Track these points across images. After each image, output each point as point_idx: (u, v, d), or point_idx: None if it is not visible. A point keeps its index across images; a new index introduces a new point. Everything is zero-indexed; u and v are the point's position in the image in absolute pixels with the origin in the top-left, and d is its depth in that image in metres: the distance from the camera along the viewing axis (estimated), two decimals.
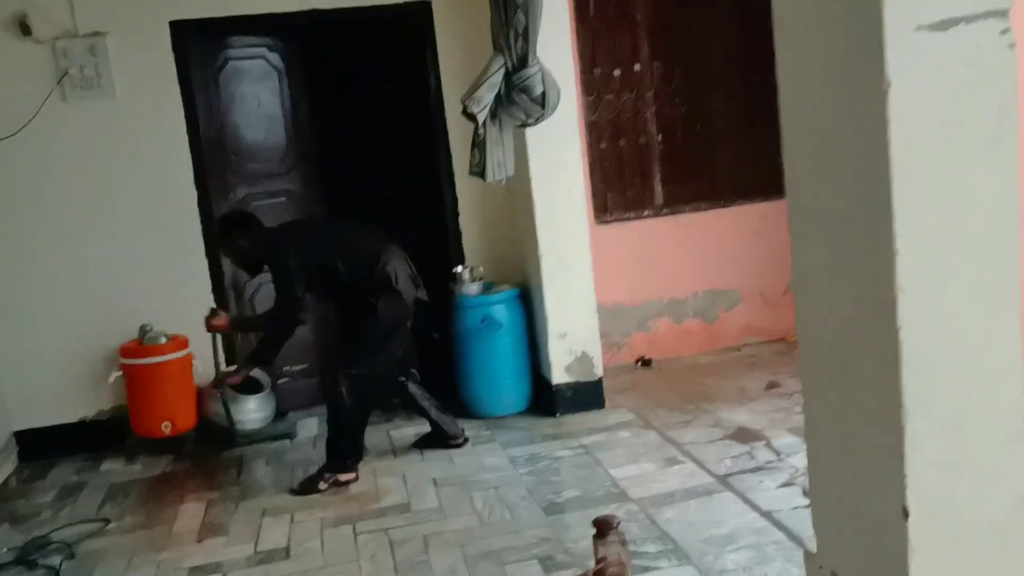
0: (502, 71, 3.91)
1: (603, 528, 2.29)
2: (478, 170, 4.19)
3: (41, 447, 4.76)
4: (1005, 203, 1.71)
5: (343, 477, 4.07)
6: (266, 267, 4.16)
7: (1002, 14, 1.66)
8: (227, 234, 4.14)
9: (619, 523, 2.30)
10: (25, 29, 4.51)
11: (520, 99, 3.94)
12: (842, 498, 1.99)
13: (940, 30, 1.64)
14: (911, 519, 1.74)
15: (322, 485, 4.02)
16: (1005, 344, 1.75)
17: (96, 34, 4.64)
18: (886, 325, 1.71)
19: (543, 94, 3.97)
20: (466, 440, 4.41)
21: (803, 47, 1.90)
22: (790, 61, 1.97)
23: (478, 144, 4.14)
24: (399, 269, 4.08)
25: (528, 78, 3.93)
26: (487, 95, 3.93)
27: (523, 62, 3.91)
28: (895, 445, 1.74)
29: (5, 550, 3.71)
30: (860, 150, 1.74)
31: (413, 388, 4.46)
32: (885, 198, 1.67)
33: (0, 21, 4.54)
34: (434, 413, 4.42)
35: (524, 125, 4.16)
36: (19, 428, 4.67)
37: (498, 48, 3.92)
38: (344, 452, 4.10)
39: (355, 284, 4.04)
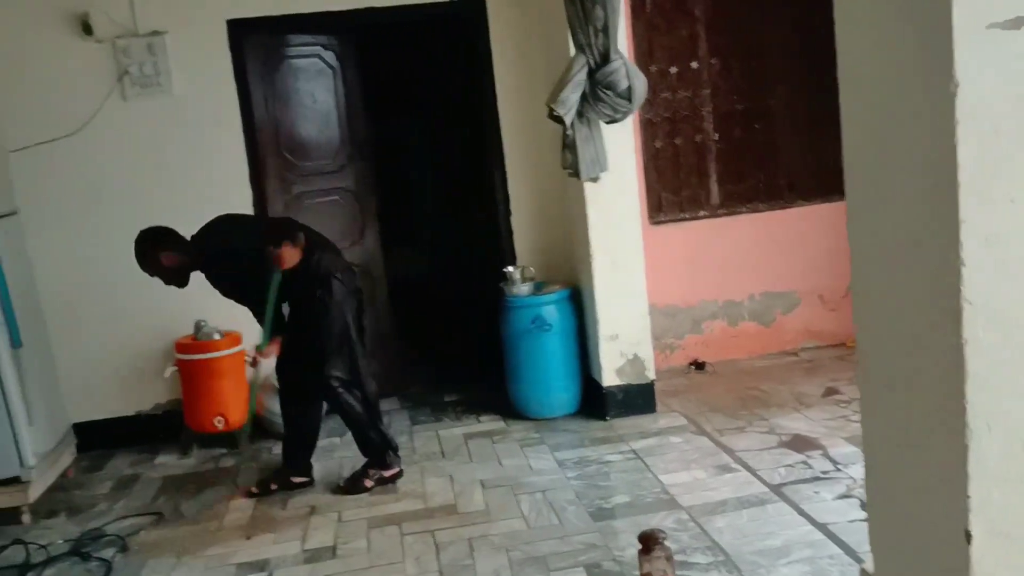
0: (585, 69, 3.85)
1: (648, 543, 2.23)
2: (572, 170, 4.14)
3: (98, 439, 4.86)
4: None
5: (387, 473, 4.07)
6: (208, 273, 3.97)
7: None
8: (155, 249, 3.89)
9: (665, 538, 2.24)
10: (87, 28, 4.59)
11: (606, 95, 3.88)
12: (901, 516, 1.90)
13: (1013, 28, 1.54)
14: (974, 543, 1.65)
15: (368, 483, 4.03)
16: None
17: (155, 33, 4.70)
18: (950, 338, 1.62)
19: (629, 88, 3.90)
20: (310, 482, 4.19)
21: (866, 45, 1.82)
22: (852, 59, 1.88)
23: (569, 145, 4.09)
24: (334, 258, 4.06)
25: (612, 74, 3.86)
26: (572, 95, 3.87)
27: (605, 58, 3.84)
28: (957, 464, 1.65)
29: (61, 541, 3.78)
30: (925, 153, 1.65)
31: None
32: (951, 204, 1.58)
33: (63, 21, 4.63)
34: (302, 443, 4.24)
35: (613, 121, 4.09)
36: (78, 420, 4.76)
37: (578, 46, 3.86)
38: (376, 447, 4.10)
39: (296, 278, 3.92)
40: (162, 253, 3.85)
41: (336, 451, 4.63)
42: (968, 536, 1.66)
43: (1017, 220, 1.60)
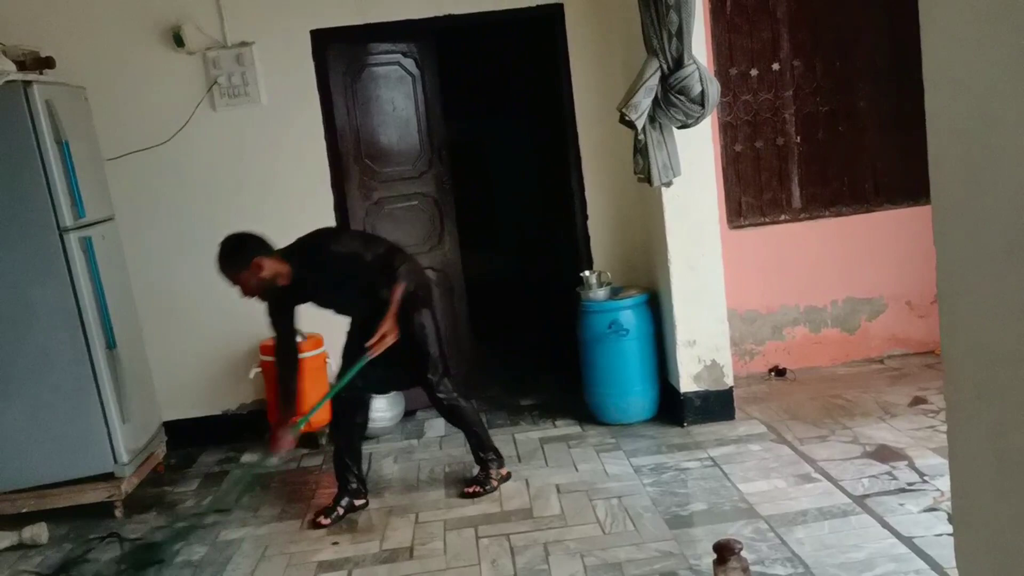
0: (658, 74, 3.83)
1: (724, 553, 2.20)
2: (643, 175, 4.13)
3: (188, 437, 5.03)
4: None
5: (504, 471, 4.13)
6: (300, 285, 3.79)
7: None
8: (253, 252, 3.67)
9: (741, 548, 2.21)
10: (179, 41, 4.76)
11: (679, 100, 3.84)
12: (987, 533, 1.84)
13: None
14: None
15: (494, 482, 4.05)
16: None
17: (243, 44, 4.86)
18: None
19: (702, 93, 3.86)
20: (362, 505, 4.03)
21: (951, 43, 1.76)
22: (939, 59, 1.83)
23: (640, 150, 4.07)
24: (420, 275, 4.03)
25: (685, 78, 3.83)
26: (644, 100, 3.85)
27: (679, 63, 3.81)
28: None
29: (151, 528, 3.93)
30: (1014, 156, 1.59)
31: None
32: None
33: (156, 34, 4.82)
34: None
35: (684, 126, 4.06)
36: (168, 418, 4.94)
37: (651, 51, 3.83)
38: (493, 446, 4.15)
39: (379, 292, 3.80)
40: (259, 259, 3.63)
41: (415, 452, 4.69)
42: None
43: None
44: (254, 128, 4.93)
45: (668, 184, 4.02)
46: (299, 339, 4.70)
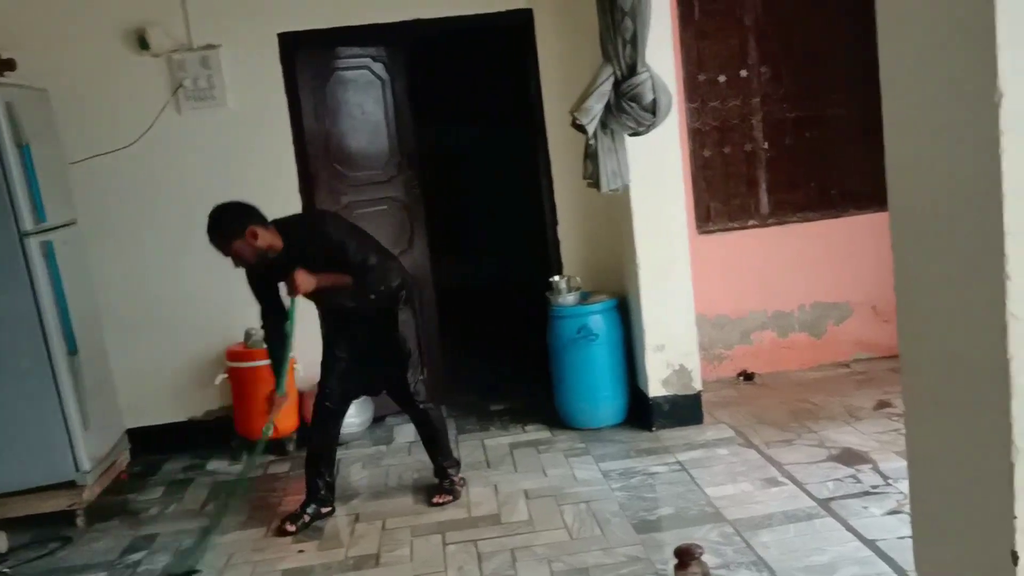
0: (611, 80, 3.84)
1: (685, 558, 2.20)
2: (592, 181, 4.13)
3: (152, 444, 4.96)
4: None
5: (460, 477, 4.12)
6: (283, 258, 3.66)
7: None
8: (245, 221, 3.57)
9: (702, 553, 2.21)
10: (143, 43, 4.71)
11: (630, 107, 3.86)
12: (946, 536, 1.86)
13: None
14: (1021, 564, 1.61)
15: (458, 489, 4.03)
16: None
17: (209, 47, 4.81)
18: (995, 354, 1.58)
19: (654, 101, 3.88)
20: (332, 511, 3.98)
21: (908, 55, 1.79)
22: (894, 69, 1.85)
23: (590, 155, 4.08)
24: (404, 273, 4.01)
25: (638, 86, 3.85)
26: (596, 105, 3.87)
27: (632, 70, 3.84)
28: (1003, 483, 1.60)
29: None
30: (969, 165, 1.61)
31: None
32: (995, 216, 1.55)
33: (120, 36, 4.76)
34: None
35: (636, 134, 4.07)
36: (131, 426, 4.86)
37: (606, 56, 3.85)
38: (453, 454, 4.16)
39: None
40: (255, 227, 3.56)
41: (384, 458, 4.67)
42: (1015, 557, 1.61)
43: None
44: (221, 131, 4.88)
45: (616, 191, 4.03)
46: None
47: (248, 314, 4.81)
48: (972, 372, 1.67)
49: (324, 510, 3.94)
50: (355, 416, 4.90)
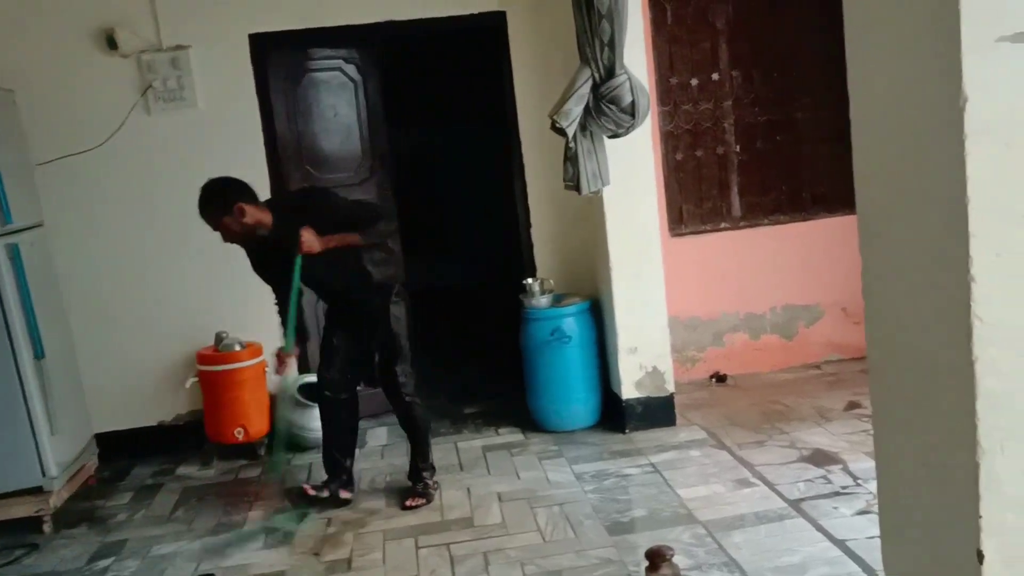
0: (589, 83, 3.84)
1: (655, 560, 2.21)
2: (572, 183, 4.13)
3: (121, 449, 4.90)
4: None
5: (434, 481, 4.13)
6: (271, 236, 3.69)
7: None
8: (236, 197, 3.62)
9: (672, 554, 2.22)
10: (112, 43, 4.66)
11: (609, 110, 3.86)
12: (913, 536, 1.87)
13: (1022, 42, 1.52)
14: (986, 563, 1.62)
15: (432, 492, 4.04)
16: None
17: (179, 47, 4.76)
18: (961, 356, 1.59)
19: (633, 103, 3.88)
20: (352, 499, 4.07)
21: (875, 59, 1.80)
22: (862, 73, 1.87)
23: (570, 158, 4.08)
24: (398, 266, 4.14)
25: (616, 88, 3.85)
26: (575, 108, 3.86)
27: (610, 72, 3.83)
28: (969, 483, 1.62)
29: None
30: (935, 168, 1.63)
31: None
32: (961, 219, 1.56)
33: (89, 36, 4.71)
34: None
35: (615, 136, 4.08)
36: (100, 430, 4.80)
37: (584, 59, 3.85)
38: (431, 458, 4.16)
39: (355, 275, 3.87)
40: (242, 204, 3.60)
41: (356, 462, 4.62)
42: (980, 557, 1.63)
43: None
44: (191, 133, 4.84)
45: (596, 193, 4.04)
46: (237, 347, 4.66)
47: (218, 317, 4.81)
48: (938, 373, 1.69)
49: (344, 494, 4.02)
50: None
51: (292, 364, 4.12)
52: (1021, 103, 1.53)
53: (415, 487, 4.05)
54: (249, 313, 4.83)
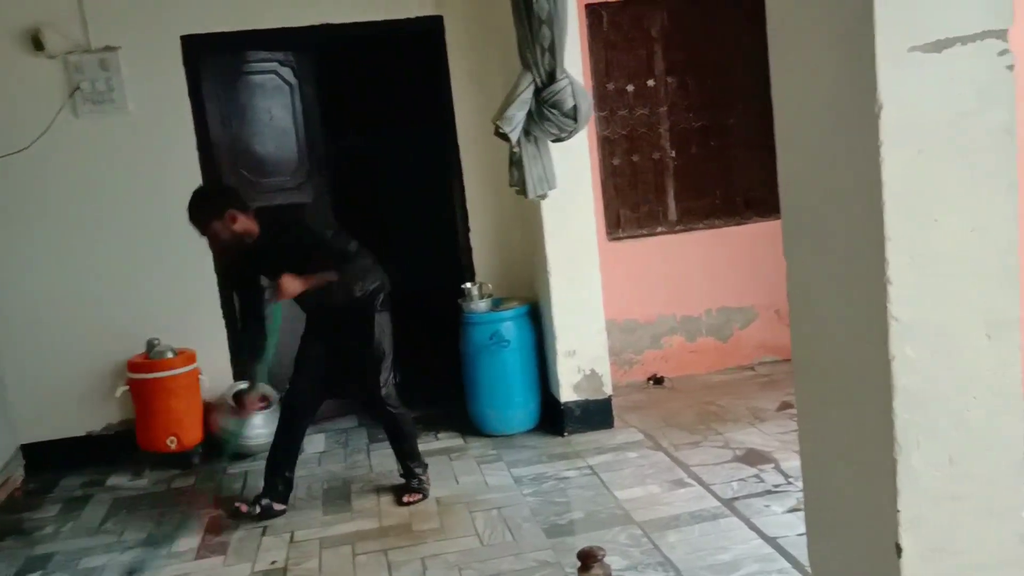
0: (531, 88, 3.86)
1: (587, 561, 2.23)
2: (518, 188, 4.14)
3: (48, 461, 4.77)
4: (1004, 230, 1.64)
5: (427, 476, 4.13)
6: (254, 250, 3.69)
7: (1000, 34, 1.60)
8: (228, 204, 3.61)
9: (604, 555, 2.24)
10: (38, 44, 4.54)
11: (552, 114, 3.88)
12: (836, 531, 1.92)
13: (935, 51, 1.58)
14: (904, 556, 1.68)
15: (427, 487, 4.05)
16: (1004, 375, 1.68)
17: (108, 49, 4.66)
18: (878, 354, 1.65)
19: (575, 107, 3.91)
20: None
21: (797, 68, 1.85)
22: (784, 81, 1.92)
23: (515, 162, 4.09)
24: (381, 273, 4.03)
25: (558, 93, 3.87)
26: (518, 113, 3.87)
27: (552, 77, 3.85)
28: (887, 479, 1.67)
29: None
30: (852, 173, 1.68)
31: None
32: (877, 223, 1.62)
33: (13, 36, 4.58)
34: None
35: (558, 139, 4.10)
36: (26, 441, 4.67)
37: (526, 64, 3.86)
38: (420, 454, 4.13)
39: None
40: (234, 211, 3.59)
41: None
42: (899, 550, 1.68)
43: (942, 238, 1.64)
44: (121, 137, 4.73)
45: (543, 196, 4.07)
46: (169, 355, 4.58)
47: (150, 323, 4.71)
48: (857, 372, 1.74)
49: (277, 507, 3.93)
50: (263, 427, 4.79)
51: (254, 410, 4.08)
52: (932, 111, 1.59)
53: (409, 483, 4.03)
54: (181, 320, 4.77)
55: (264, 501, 3.92)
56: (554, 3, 3.59)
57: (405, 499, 3.97)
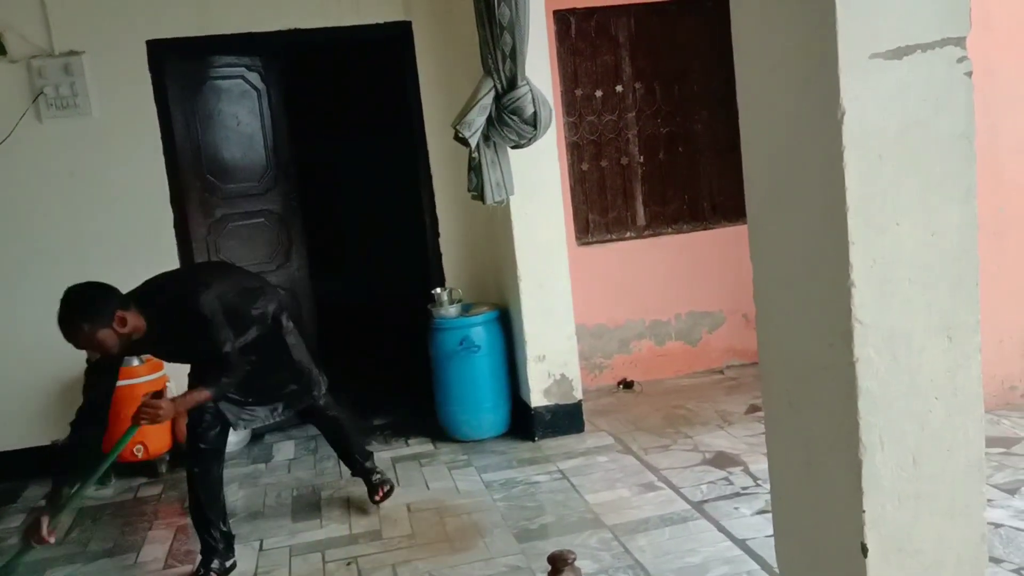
0: (492, 93, 3.87)
1: (557, 565, 2.23)
2: (476, 193, 4.15)
3: (12, 469, 4.69)
4: (964, 233, 1.68)
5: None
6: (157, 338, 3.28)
7: (958, 42, 1.64)
8: (111, 311, 3.07)
9: (574, 559, 2.25)
10: (0, 48, 4.47)
11: (512, 120, 3.89)
12: (803, 531, 1.95)
13: (895, 58, 1.62)
14: (870, 556, 1.70)
15: (390, 478, 4.08)
16: (965, 377, 1.71)
17: (72, 53, 4.61)
18: (842, 357, 1.68)
19: (534, 114, 3.92)
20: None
21: (761, 74, 1.88)
22: (749, 87, 1.94)
23: (474, 167, 4.09)
24: (271, 298, 3.71)
25: (518, 99, 3.88)
26: (478, 118, 3.88)
27: (512, 83, 3.87)
28: (852, 479, 1.70)
29: None
30: (816, 178, 1.71)
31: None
32: (840, 227, 1.64)
33: None
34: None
35: (517, 146, 4.11)
36: None
37: (487, 70, 3.88)
38: (365, 445, 4.15)
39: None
40: (121, 312, 3.09)
41: (262, 477, 4.55)
42: (864, 549, 1.70)
43: (904, 243, 1.67)
44: (85, 142, 4.68)
45: (501, 202, 4.08)
46: (135, 363, 4.52)
47: None
48: (822, 374, 1.76)
49: (228, 563, 3.47)
50: (233, 434, 4.76)
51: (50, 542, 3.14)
52: (892, 116, 1.62)
53: (371, 480, 3.99)
54: None
55: (215, 564, 3.41)
56: (516, 9, 3.61)
57: (377, 498, 3.94)
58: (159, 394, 3.50)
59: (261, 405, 3.70)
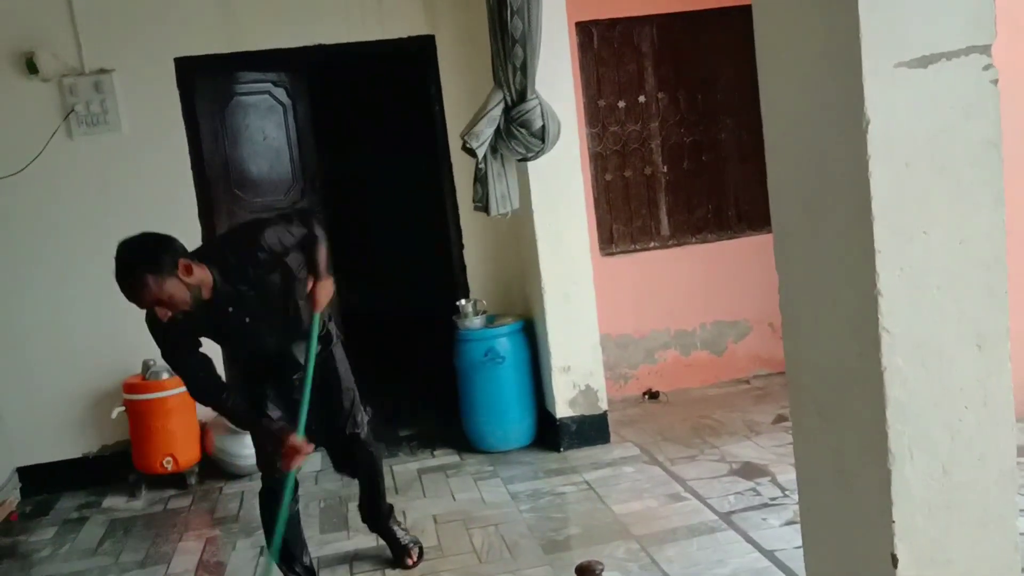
0: (501, 105, 3.91)
1: (586, 575, 2.23)
2: (481, 204, 4.17)
3: (44, 483, 4.75)
4: (992, 241, 1.67)
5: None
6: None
7: (984, 49, 1.63)
8: (174, 259, 2.74)
9: (602, 570, 2.25)
10: (32, 67, 4.56)
11: (520, 133, 3.92)
12: (832, 542, 1.94)
13: (920, 67, 1.61)
14: (900, 567, 1.69)
15: (413, 535, 3.65)
16: (995, 385, 1.70)
17: (102, 71, 4.69)
18: (871, 367, 1.67)
19: (543, 128, 3.95)
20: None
21: (785, 83, 1.88)
22: (773, 97, 1.95)
23: (480, 179, 4.12)
24: None
25: (527, 112, 3.92)
26: (486, 130, 3.92)
27: (522, 96, 3.90)
28: (882, 490, 1.69)
29: None
30: (842, 188, 1.70)
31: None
32: (867, 236, 1.64)
33: (7, 59, 4.60)
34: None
35: (524, 159, 4.13)
36: (22, 464, 4.66)
37: (497, 82, 3.92)
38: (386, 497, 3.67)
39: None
40: (185, 260, 2.75)
41: None
42: (894, 560, 1.69)
43: (932, 251, 1.66)
44: (115, 158, 4.75)
45: (505, 215, 4.10)
46: (164, 376, 4.57)
47: (145, 345, 4.66)
48: (850, 383, 1.76)
49: None
50: (253, 448, 4.79)
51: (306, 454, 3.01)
52: (918, 125, 1.62)
53: (399, 543, 3.52)
54: None
55: None
56: (528, 24, 3.63)
57: (411, 562, 3.48)
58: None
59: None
